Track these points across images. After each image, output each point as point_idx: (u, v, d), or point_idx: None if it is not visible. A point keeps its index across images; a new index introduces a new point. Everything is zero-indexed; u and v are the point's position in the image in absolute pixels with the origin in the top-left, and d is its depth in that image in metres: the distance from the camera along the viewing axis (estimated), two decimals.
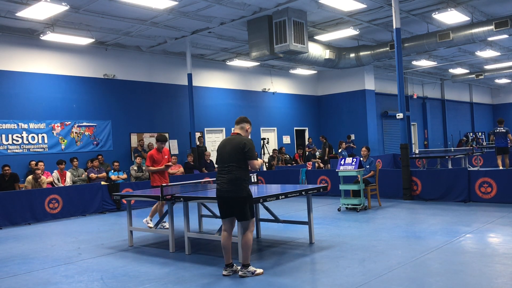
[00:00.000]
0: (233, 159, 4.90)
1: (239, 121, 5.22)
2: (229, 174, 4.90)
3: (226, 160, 4.94)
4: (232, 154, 4.91)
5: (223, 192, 4.94)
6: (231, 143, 5.00)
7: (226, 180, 4.91)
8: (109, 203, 11.30)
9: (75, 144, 13.34)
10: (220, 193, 4.98)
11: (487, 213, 8.20)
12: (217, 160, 5.09)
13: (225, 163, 4.95)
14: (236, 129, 5.20)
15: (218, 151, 5.10)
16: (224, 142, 5.11)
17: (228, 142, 5.05)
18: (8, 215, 9.64)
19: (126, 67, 14.77)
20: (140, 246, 7.00)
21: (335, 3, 11.18)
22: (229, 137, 5.14)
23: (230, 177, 4.89)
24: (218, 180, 5.00)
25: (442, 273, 4.74)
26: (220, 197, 4.99)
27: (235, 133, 5.16)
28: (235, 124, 5.24)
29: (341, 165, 9.38)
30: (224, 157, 4.97)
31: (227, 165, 4.93)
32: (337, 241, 6.51)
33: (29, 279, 5.39)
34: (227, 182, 4.90)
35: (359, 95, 20.22)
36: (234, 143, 4.97)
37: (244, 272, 4.95)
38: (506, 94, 31.92)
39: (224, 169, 4.94)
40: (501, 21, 12.67)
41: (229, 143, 5.02)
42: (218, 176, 5.00)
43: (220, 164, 4.99)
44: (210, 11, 11.70)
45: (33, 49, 12.64)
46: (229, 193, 4.89)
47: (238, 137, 5.05)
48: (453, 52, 18.48)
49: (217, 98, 17.48)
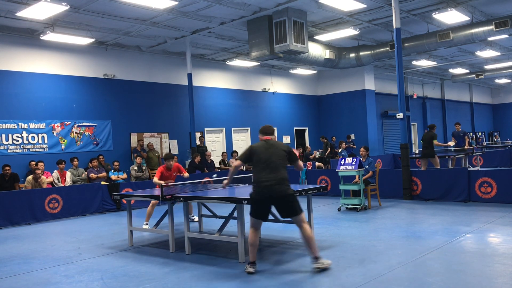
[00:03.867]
0: (279, 161, 5.17)
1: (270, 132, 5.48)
2: (277, 174, 5.10)
3: (273, 161, 5.14)
4: (279, 156, 5.19)
5: (273, 191, 5.06)
6: (274, 146, 5.25)
7: (275, 179, 5.08)
8: (109, 203, 11.30)
9: (75, 144, 13.34)
10: (269, 192, 5.07)
11: (487, 213, 8.20)
12: (259, 161, 5.18)
13: (271, 164, 5.13)
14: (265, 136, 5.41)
15: (258, 153, 5.21)
16: (263, 145, 5.26)
17: (269, 145, 5.25)
18: (8, 215, 9.64)
19: (126, 67, 14.77)
20: (140, 246, 7.00)
21: (335, 3, 11.18)
22: (265, 141, 5.31)
23: (280, 177, 5.10)
24: (264, 181, 5.07)
25: (442, 273, 4.74)
26: (268, 196, 5.08)
27: (268, 138, 5.37)
28: (265, 134, 5.41)
29: (341, 165, 9.38)
30: (270, 158, 5.15)
31: (273, 165, 5.12)
32: (337, 241, 6.51)
33: (29, 279, 5.39)
34: (278, 182, 5.08)
35: (359, 95, 20.22)
36: (277, 146, 5.27)
37: (320, 263, 5.06)
38: (506, 94, 31.92)
39: (272, 170, 5.11)
40: (501, 21, 12.67)
41: (271, 146, 5.24)
42: (263, 176, 5.09)
43: (264, 165, 5.13)
44: (210, 11, 11.70)
45: (33, 49, 12.64)
46: (281, 192, 5.07)
47: (277, 142, 5.41)
48: (453, 52, 18.48)
49: (217, 98, 17.48)
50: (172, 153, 15.53)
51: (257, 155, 5.21)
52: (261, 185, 5.09)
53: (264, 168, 5.11)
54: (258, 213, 5.18)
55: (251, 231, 5.20)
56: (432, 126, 12.78)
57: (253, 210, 5.20)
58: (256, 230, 5.21)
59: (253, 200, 5.18)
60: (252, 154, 5.24)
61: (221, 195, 6.13)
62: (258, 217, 5.18)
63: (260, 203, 5.14)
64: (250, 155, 5.27)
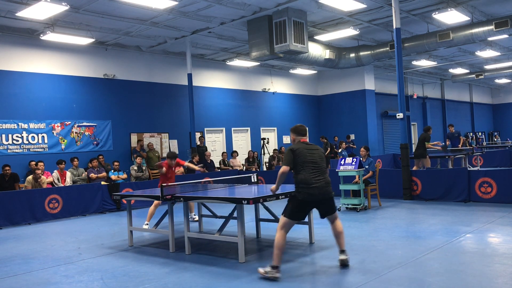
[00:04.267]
0: (323, 162, 5.23)
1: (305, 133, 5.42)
2: (325, 176, 5.15)
3: (319, 163, 5.16)
4: (322, 158, 5.24)
5: (324, 193, 5.08)
6: (314, 148, 5.25)
7: (325, 181, 5.11)
8: (109, 203, 11.30)
9: (75, 144, 13.34)
10: (321, 194, 5.05)
11: (487, 213, 8.20)
12: (305, 163, 5.07)
13: (318, 165, 5.13)
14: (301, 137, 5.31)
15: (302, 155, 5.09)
16: (304, 147, 5.17)
17: (312, 147, 5.23)
18: (8, 215, 9.64)
19: (126, 67, 14.77)
20: (140, 246, 7.00)
21: (335, 3, 11.18)
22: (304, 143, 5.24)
23: (328, 179, 5.17)
24: (315, 182, 5.02)
25: (442, 273, 4.74)
26: (319, 198, 5.05)
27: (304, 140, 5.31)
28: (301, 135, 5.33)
29: (341, 165, 9.38)
30: (316, 160, 5.14)
31: (321, 167, 5.14)
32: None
33: (29, 279, 5.39)
34: (327, 184, 5.12)
35: (359, 95, 20.22)
36: (316, 148, 5.28)
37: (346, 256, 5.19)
38: (506, 94, 31.93)
39: (321, 172, 5.12)
40: (501, 21, 12.67)
41: (314, 148, 5.24)
42: (314, 178, 5.03)
43: (312, 167, 5.08)
44: (210, 11, 11.70)
45: (33, 49, 12.64)
46: (329, 194, 5.13)
47: (315, 145, 5.34)
48: (453, 52, 18.48)
49: (217, 98, 17.48)
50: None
51: (301, 157, 5.10)
52: (312, 186, 4.99)
53: (313, 170, 5.06)
54: (298, 215, 5.08)
55: (282, 234, 5.03)
56: (427, 128, 13.14)
57: (293, 212, 5.07)
58: (287, 233, 5.09)
59: (299, 202, 5.05)
60: (296, 156, 5.11)
61: (221, 195, 6.13)
62: (297, 218, 5.10)
63: (306, 205, 5.08)
64: (294, 157, 5.12)
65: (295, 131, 5.37)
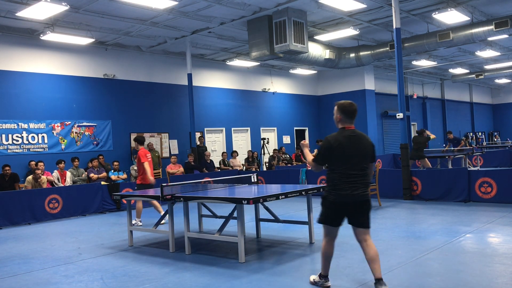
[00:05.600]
0: (366, 160, 4.30)
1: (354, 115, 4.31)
2: (365, 177, 4.27)
3: (360, 161, 4.24)
4: (366, 155, 4.29)
5: (359, 195, 4.22)
6: (361, 142, 4.28)
7: (363, 182, 4.25)
8: (109, 203, 11.30)
9: (75, 144, 13.34)
10: (355, 197, 4.20)
11: (487, 213, 8.20)
12: (343, 160, 4.21)
13: (357, 164, 4.23)
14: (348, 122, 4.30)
15: (342, 148, 4.20)
16: (347, 140, 4.23)
17: (355, 140, 4.25)
18: (8, 215, 9.64)
19: (126, 67, 14.77)
20: (140, 246, 7.00)
21: (335, 3, 11.18)
22: (350, 133, 4.26)
23: (366, 180, 4.30)
24: (349, 183, 4.19)
25: (442, 273, 4.74)
26: (354, 201, 4.22)
27: (351, 127, 4.30)
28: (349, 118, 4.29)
29: None
30: (356, 157, 4.22)
31: (360, 166, 4.25)
32: (337, 241, 6.44)
33: (29, 279, 5.39)
34: (365, 186, 4.27)
35: (359, 95, 20.21)
36: (364, 142, 4.30)
37: None
38: (506, 94, 31.92)
39: (359, 171, 4.24)
40: (501, 21, 12.68)
41: (357, 141, 4.25)
42: (348, 178, 4.20)
43: (349, 165, 4.21)
44: (210, 11, 11.70)
45: (33, 49, 12.64)
46: (365, 196, 4.27)
47: (364, 136, 4.36)
48: (453, 52, 18.48)
49: (217, 98, 17.48)
50: (172, 153, 15.56)
51: (339, 152, 4.20)
52: (347, 187, 4.19)
53: (350, 169, 4.20)
54: (335, 220, 4.32)
55: (325, 241, 4.43)
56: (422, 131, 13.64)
57: (329, 216, 4.34)
58: (333, 239, 4.43)
59: (333, 205, 4.29)
60: (333, 151, 4.21)
61: (221, 195, 6.13)
62: (333, 223, 4.34)
63: (341, 208, 4.26)
64: (330, 152, 4.24)
65: (344, 110, 4.28)
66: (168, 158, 15.17)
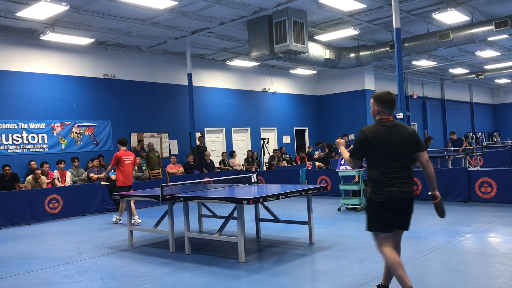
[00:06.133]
0: (408, 154, 3.83)
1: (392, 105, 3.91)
2: (409, 173, 3.83)
3: (402, 153, 3.80)
4: (407, 148, 3.82)
5: (407, 193, 3.78)
6: (401, 131, 3.85)
7: (408, 179, 3.81)
8: (109, 203, 11.30)
9: (75, 144, 13.34)
10: (402, 195, 3.76)
11: (487, 213, 8.20)
12: (382, 154, 3.78)
13: (401, 156, 3.79)
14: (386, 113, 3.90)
15: (380, 141, 3.79)
16: (386, 130, 3.82)
17: (395, 130, 3.84)
18: (8, 215, 9.64)
19: (126, 67, 14.77)
20: (140, 246, 7.00)
21: (335, 3, 11.18)
22: (388, 124, 3.86)
23: (412, 174, 3.85)
24: (394, 179, 3.75)
25: (442, 273, 4.74)
26: (401, 198, 3.78)
27: (389, 119, 3.90)
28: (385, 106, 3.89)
29: (341, 165, 9.38)
30: (399, 149, 3.79)
31: (404, 159, 3.80)
32: (337, 241, 6.51)
33: (29, 279, 5.39)
34: (410, 183, 3.82)
35: (359, 95, 20.22)
36: (404, 133, 3.85)
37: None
38: (506, 94, 31.93)
39: (403, 165, 3.79)
40: (501, 21, 12.68)
41: (397, 132, 3.84)
42: (393, 174, 3.76)
43: (391, 158, 3.77)
44: (210, 11, 11.70)
45: (33, 49, 12.64)
46: (410, 194, 3.82)
47: (404, 126, 3.93)
48: (453, 52, 18.48)
49: (217, 98, 17.48)
50: (172, 153, 15.56)
51: (377, 145, 3.79)
52: (394, 183, 3.74)
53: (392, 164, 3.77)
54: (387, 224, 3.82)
55: (387, 249, 3.81)
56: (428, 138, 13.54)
57: (379, 221, 3.82)
58: (393, 247, 3.85)
59: (379, 206, 3.78)
60: (369, 144, 3.80)
61: (221, 195, 6.13)
62: (388, 229, 3.82)
63: (390, 208, 3.77)
64: (367, 146, 3.82)
65: (380, 100, 3.90)
66: (168, 158, 15.17)
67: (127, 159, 9.01)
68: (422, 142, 3.93)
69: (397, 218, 3.82)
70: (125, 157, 9.01)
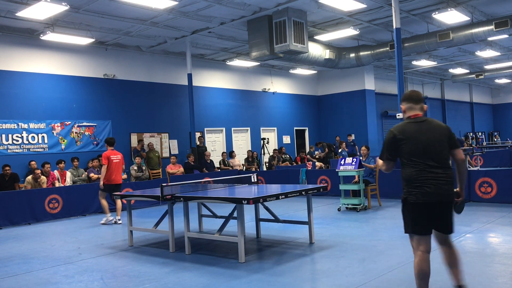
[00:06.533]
0: (442, 150, 3.59)
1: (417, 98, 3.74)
2: (446, 168, 3.56)
3: (434, 151, 3.56)
4: (441, 144, 3.59)
5: (444, 194, 3.52)
6: (432, 127, 3.63)
7: (445, 177, 3.54)
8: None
9: (75, 144, 13.35)
10: (439, 196, 3.51)
11: (487, 213, 8.20)
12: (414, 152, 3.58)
13: (433, 155, 3.55)
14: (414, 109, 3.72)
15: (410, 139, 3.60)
16: (415, 127, 3.63)
17: (425, 126, 3.63)
18: (8, 215, 9.64)
19: (126, 67, 14.77)
20: (140, 246, 7.00)
21: (335, 3, 11.18)
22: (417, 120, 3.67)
23: (449, 174, 3.57)
24: (427, 180, 3.53)
25: (442, 273, 4.73)
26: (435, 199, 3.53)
27: (418, 115, 3.70)
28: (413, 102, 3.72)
29: (341, 165, 9.38)
30: (431, 145, 3.56)
31: (438, 156, 3.56)
32: (337, 241, 6.51)
33: (29, 279, 5.39)
34: (449, 182, 3.55)
35: (359, 95, 20.23)
36: (436, 128, 3.62)
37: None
38: (506, 94, 31.94)
39: (439, 163, 3.55)
40: (501, 21, 12.68)
41: (428, 127, 3.62)
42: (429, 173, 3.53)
43: (425, 156, 3.56)
44: (210, 11, 11.70)
45: (33, 49, 12.64)
46: (450, 195, 3.57)
47: (436, 121, 3.70)
48: (453, 52, 18.49)
49: (217, 98, 17.48)
50: (172, 153, 15.56)
51: (406, 142, 3.59)
52: (430, 183, 3.51)
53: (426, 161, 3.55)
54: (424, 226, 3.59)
55: (420, 255, 3.57)
56: None
57: (415, 223, 3.62)
58: (427, 252, 3.57)
59: (416, 207, 3.58)
60: (398, 143, 3.62)
61: (221, 195, 6.13)
62: (425, 231, 3.60)
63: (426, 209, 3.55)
64: (396, 145, 3.64)
65: (404, 97, 3.77)
66: (168, 158, 15.17)
67: (115, 158, 9.37)
68: (456, 138, 3.73)
69: (435, 221, 3.61)
70: (113, 156, 9.35)
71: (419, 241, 3.59)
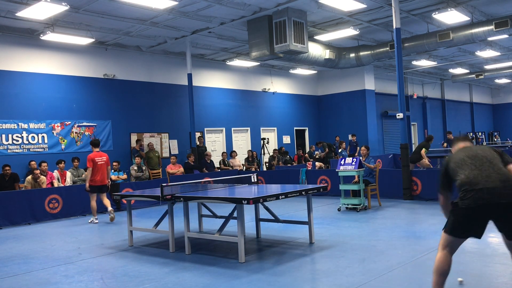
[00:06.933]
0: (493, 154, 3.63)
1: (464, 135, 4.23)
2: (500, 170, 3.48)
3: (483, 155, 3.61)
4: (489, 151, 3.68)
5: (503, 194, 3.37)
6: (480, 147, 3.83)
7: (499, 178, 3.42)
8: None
9: (75, 144, 13.34)
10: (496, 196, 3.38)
11: None
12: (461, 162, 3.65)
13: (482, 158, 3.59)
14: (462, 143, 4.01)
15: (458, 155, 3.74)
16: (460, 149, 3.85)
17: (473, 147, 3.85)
18: (8, 215, 9.64)
19: (126, 67, 14.77)
20: (140, 246, 7.00)
21: (335, 3, 11.18)
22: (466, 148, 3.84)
23: (504, 172, 3.48)
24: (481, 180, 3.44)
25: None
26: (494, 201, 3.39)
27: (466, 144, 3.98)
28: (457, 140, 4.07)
29: (341, 165, 9.38)
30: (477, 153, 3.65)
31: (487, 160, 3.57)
32: (337, 241, 6.51)
33: (29, 279, 5.39)
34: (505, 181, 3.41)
35: (359, 95, 20.23)
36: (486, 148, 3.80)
37: None
38: (506, 94, 31.93)
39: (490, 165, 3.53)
40: (501, 21, 12.68)
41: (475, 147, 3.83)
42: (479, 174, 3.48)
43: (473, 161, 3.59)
44: (210, 11, 11.70)
45: (33, 49, 12.64)
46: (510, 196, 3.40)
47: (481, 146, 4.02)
48: (453, 52, 18.48)
49: (217, 98, 17.48)
50: (172, 153, 15.55)
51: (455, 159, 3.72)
52: (479, 186, 3.42)
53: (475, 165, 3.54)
54: (462, 231, 3.57)
55: (444, 254, 3.63)
56: (430, 137, 13.82)
57: (455, 225, 3.59)
58: (451, 253, 3.65)
59: (462, 212, 3.51)
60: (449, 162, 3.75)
61: (221, 195, 6.13)
62: (461, 235, 3.60)
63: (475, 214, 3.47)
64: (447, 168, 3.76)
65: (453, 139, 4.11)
66: (168, 158, 15.17)
67: (99, 160, 9.68)
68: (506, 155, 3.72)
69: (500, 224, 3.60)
70: (98, 158, 9.66)
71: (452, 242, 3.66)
